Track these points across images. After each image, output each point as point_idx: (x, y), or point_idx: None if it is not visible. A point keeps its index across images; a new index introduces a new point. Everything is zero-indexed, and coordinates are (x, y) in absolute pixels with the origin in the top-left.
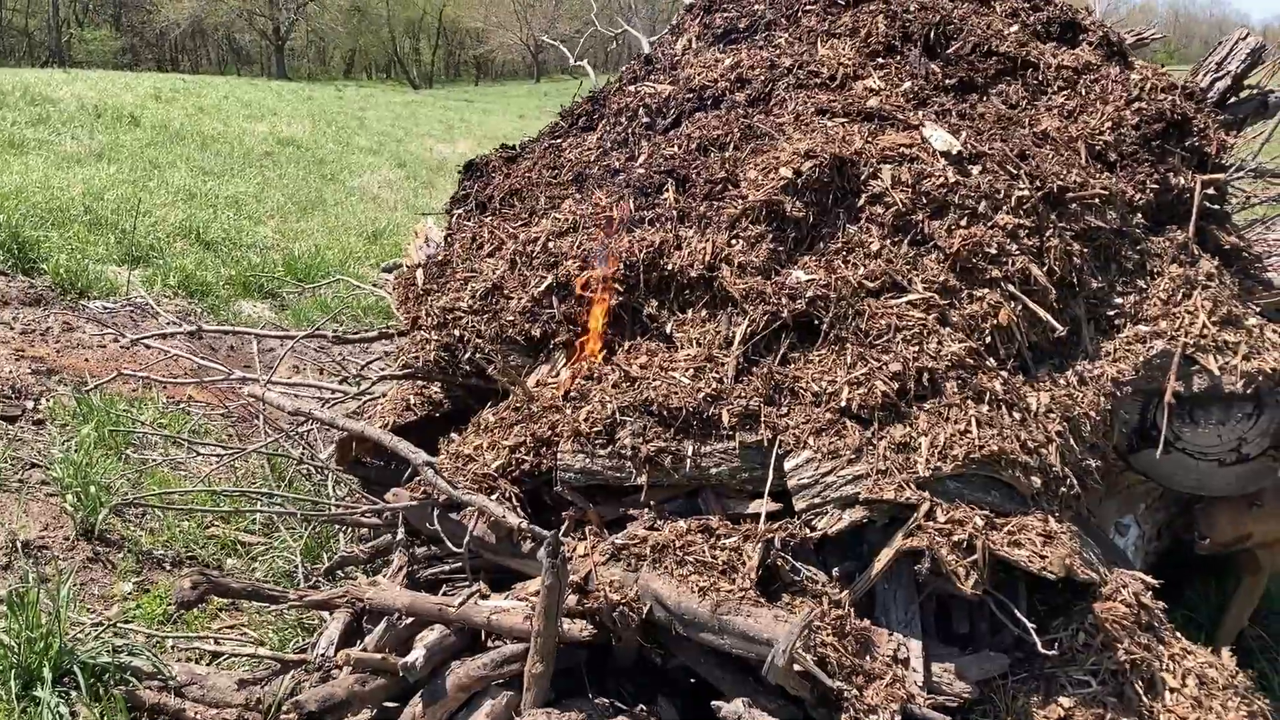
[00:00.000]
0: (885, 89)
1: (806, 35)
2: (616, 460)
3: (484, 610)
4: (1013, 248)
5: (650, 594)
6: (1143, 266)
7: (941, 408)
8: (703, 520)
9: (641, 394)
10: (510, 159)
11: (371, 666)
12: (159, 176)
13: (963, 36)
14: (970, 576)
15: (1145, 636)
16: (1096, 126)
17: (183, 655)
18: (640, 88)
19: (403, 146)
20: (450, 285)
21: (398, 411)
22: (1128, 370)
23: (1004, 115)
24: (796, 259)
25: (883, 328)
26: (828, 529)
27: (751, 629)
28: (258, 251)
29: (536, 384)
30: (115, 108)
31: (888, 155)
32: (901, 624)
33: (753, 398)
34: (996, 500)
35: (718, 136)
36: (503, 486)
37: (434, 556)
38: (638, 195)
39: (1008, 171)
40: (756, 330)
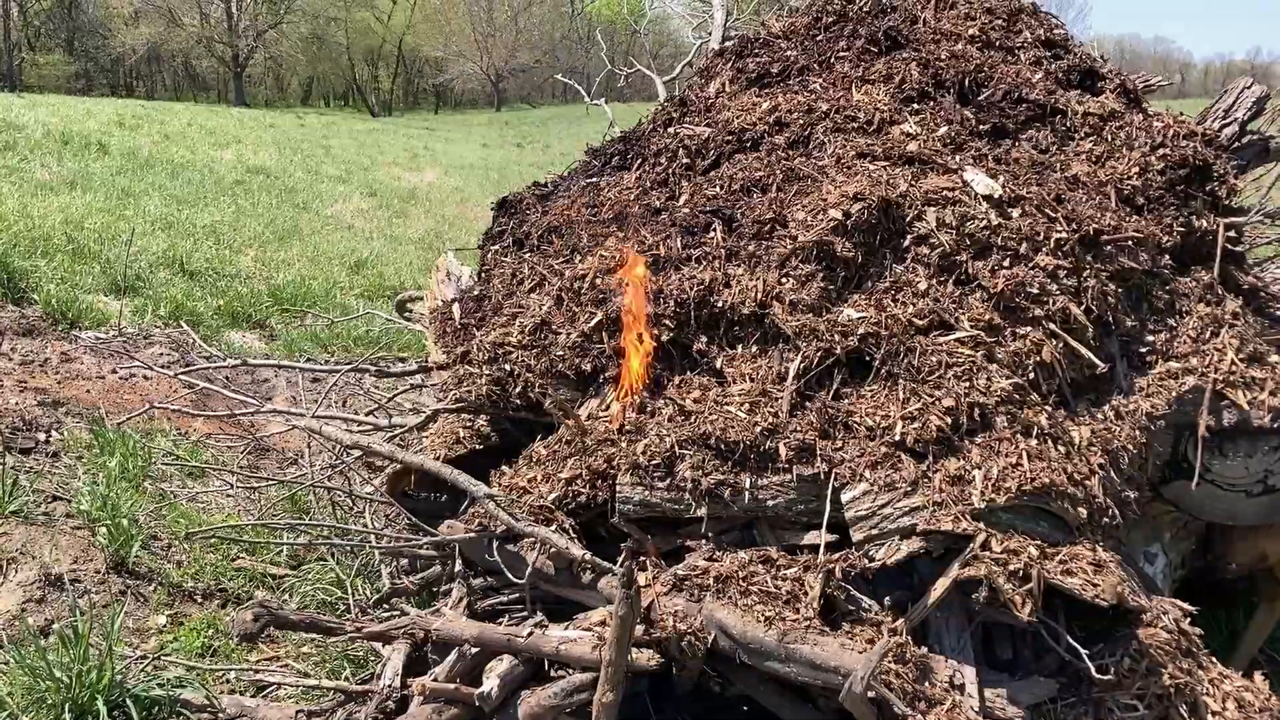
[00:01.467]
0: (922, 134)
1: (841, 80)
2: (675, 492)
3: (552, 640)
4: (1053, 287)
5: (715, 623)
6: (1172, 306)
7: (993, 441)
8: (762, 551)
9: (699, 428)
10: (544, 196)
11: (446, 697)
12: (134, 205)
13: (993, 84)
14: (1026, 605)
15: (1187, 662)
16: (1124, 171)
17: (231, 688)
18: (678, 129)
19: (370, 175)
20: (496, 320)
21: (448, 445)
22: (1161, 405)
23: (1037, 160)
24: (846, 297)
25: (934, 364)
26: (886, 559)
27: (818, 657)
28: (240, 281)
29: (587, 417)
30: (81, 134)
31: (931, 198)
32: (954, 651)
33: (808, 431)
34: (1045, 530)
35: (760, 178)
36: (559, 518)
37: (490, 587)
38: (684, 234)
39: (1045, 214)
40: (810, 366)
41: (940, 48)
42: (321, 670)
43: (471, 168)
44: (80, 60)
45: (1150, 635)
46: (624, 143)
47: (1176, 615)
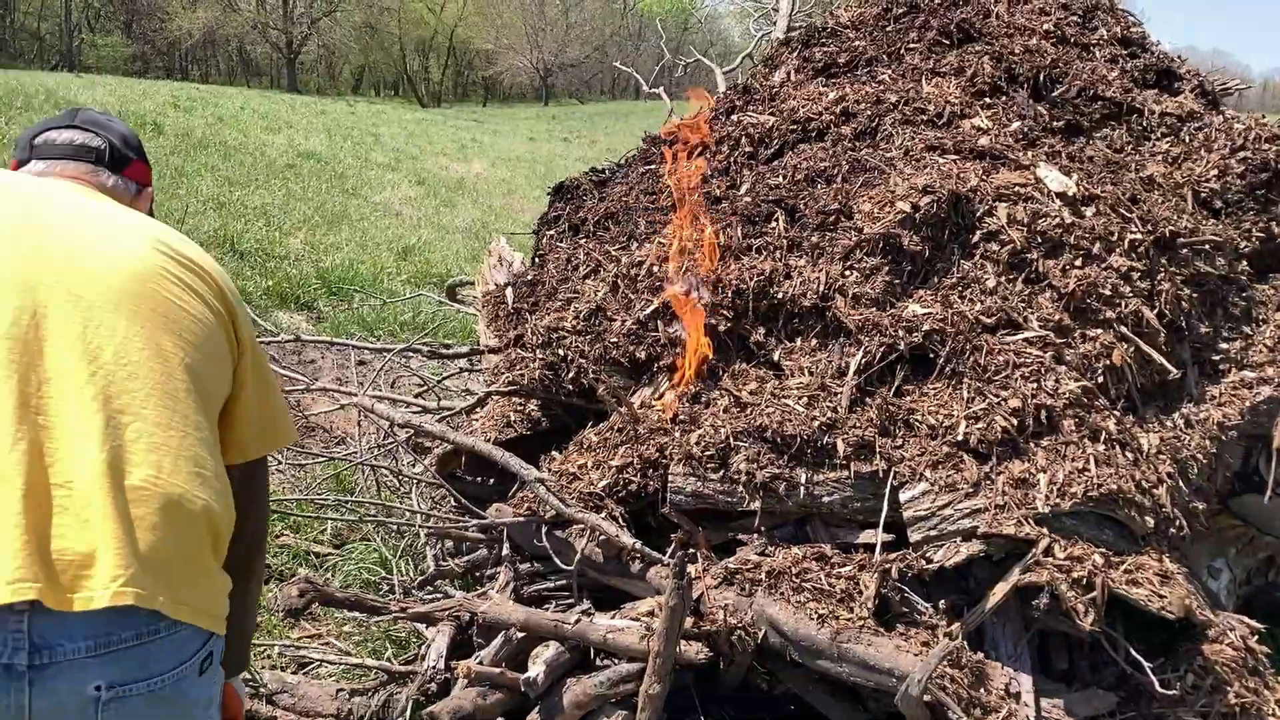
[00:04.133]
0: (994, 128)
1: (910, 72)
2: (729, 485)
3: (599, 629)
4: (1126, 290)
5: (766, 619)
6: (1248, 313)
7: (1059, 445)
8: (816, 548)
9: (755, 420)
10: (601, 182)
11: (491, 680)
12: (187, 184)
13: (1068, 80)
14: (1089, 614)
15: (1253, 680)
16: (1202, 173)
17: (272, 664)
18: (741, 117)
19: (419, 164)
20: (550, 305)
21: (498, 428)
22: (1233, 415)
23: (1111, 159)
24: (911, 292)
25: (1000, 364)
26: (945, 561)
27: (872, 658)
28: (290, 262)
29: (640, 405)
30: (138, 114)
31: (1003, 194)
32: (1010, 659)
33: (867, 428)
34: (1110, 539)
35: (825, 168)
36: (609, 506)
37: (537, 573)
38: (745, 223)
39: (1120, 214)
40: (871, 361)
41: (1014, 42)
42: (363, 650)
43: (518, 160)
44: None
45: (1216, 651)
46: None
47: (1243, 632)
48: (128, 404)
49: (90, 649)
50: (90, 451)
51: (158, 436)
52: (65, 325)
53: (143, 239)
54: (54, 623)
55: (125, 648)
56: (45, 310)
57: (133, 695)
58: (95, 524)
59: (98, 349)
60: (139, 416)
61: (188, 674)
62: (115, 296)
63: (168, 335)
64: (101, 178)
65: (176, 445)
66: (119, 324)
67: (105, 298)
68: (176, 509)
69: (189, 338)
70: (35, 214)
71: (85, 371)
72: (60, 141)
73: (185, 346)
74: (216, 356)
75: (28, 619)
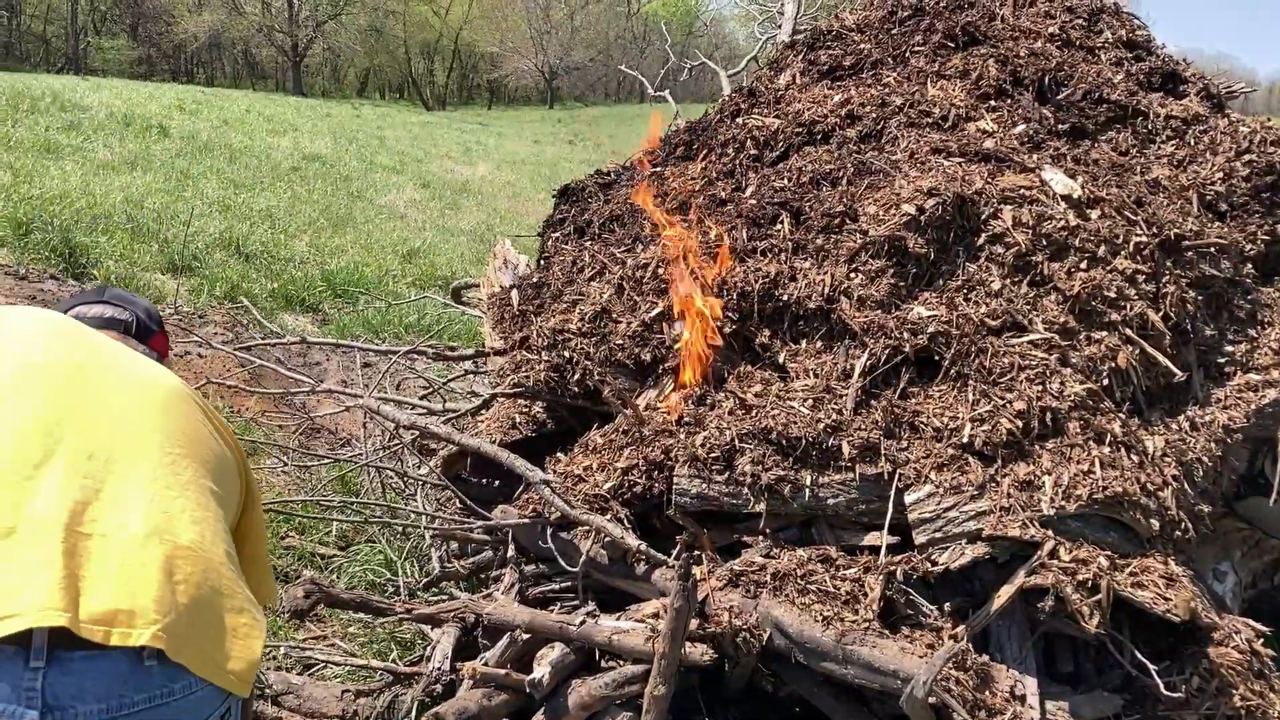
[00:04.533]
0: (999, 131)
1: (916, 75)
2: (734, 487)
3: (604, 630)
4: (1131, 292)
5: (771, 621)
6: (1254, 316)
7: (1064, 447)
8: (822, 550)
9: (760, 422)
10: (606, 185)
11: (496, 682)
12: (193, 186)
13: (1073, 83)
14: (1094, 616)
15: (1259, 684)
16: (1207, 176)
17: (278, 665)
18: (746, 120)
19: (424, 167)
20: (555, 307)
21: (503, 430)
22: (1239, 417)
23: (1116, 162)
24: (917, 294)
25: (1006, 366)
26: (950, 563)
27: (877, 660)
28: (295, 265)
29: (646, 407)
30: (143, 117)
31: (1008, 196)
32: (1016, 661)
33: (872, 430)
34: (1116, 541)
35: (830, 171)
36: (614, 508)
37: (542, 575)
38: (750, 226)
39: (1125, 217)
40: (877, 363)
41: (1019, 45)
42: (368, 651)
43: (523, 163)
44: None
45: (1221, 654)
46: (690, 133)
47: (1249, 635)
48: (172, 482)
49: (103, 711)
50: (138, 510)
51: (198, 514)
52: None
53: (172, 378)
54: (69, 682)
55: (138, 711)
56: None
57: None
58: (136, 571)
59: (144, 437)
60: (183, 495)
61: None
62: (161, 400)
63: (197, 449)
64: (130, 344)
65: (213, 526)
66: (161, 422)
67: (149, 399)
68: (216, 574)
69: (211, 460)
70: (84, 336)
71: (135, 452)
72: (92, 315)
73: (207, 467)
74: (230, 488)
75: (42, 676)
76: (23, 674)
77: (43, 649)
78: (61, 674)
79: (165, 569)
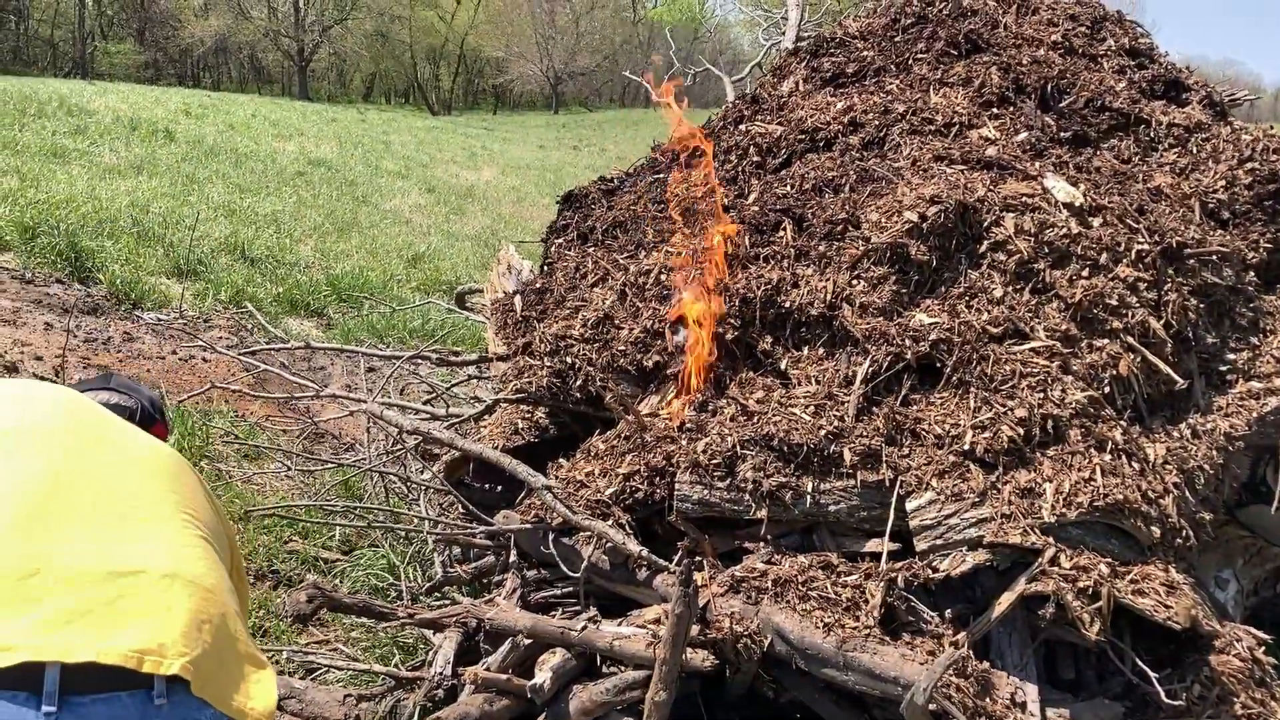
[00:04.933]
0: (1001, 139)
1: (918, 82)
2: (735, 493)
3: (606, 636)
4: (1132, 300)
5: (772, 627)
6: (1256, 324)
7: (1065, 455)
8: (823, 556)
9: (761, 428)
10: (609, 191)
11: (497, 687)
12: (198, 191)
13: (1076, 91)
14: (1095, 624)
15: (1260, 692)
16: (1210, 184)
17: (280, 669)
18: (749, 127)
19: (429, 171)
20: (559, 313)
21: (506, 435)
22: (1240, 425)
23: (1119, 170)
24: (919, 302)
25: (1007, 373)
26: (951, 570)
27: (878, 666)
28: (300, 269)
29: (648, 413)
30: (149, 121)
31: (1010, 204)
32: (1016, 668)
33: (874, 437)
34: (1116, 549)
35: (832, 178)
36: (616, 514)
37: (544, 580)
38: (753, 232)
39: (1127, 225)
40: (879, 370)
41: (1021, 53)
42: (371, 656)
43: (528, 168)
44: (150, 50)
45: (1223, 662)
46: None
47: (1250, 643)
48: (189, 539)
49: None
50: (163, 554)
51: (213, 565)
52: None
53: (175, 454)
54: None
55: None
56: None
57: None
58: (164, 607)
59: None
60: (198, 547)
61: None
62: (172, 468)
63: (202, 515)
64: None
65: (225, 579)
66: (174, 485)
67: (162, 466)
68: (234, 620)
69: (212, 526)
70: (99, 410)
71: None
72: (99, 402)
73: (210, 531)
74: (224, 556)
75: None
76: (35, 717)
77: (54, 693)
78: (73, 717)
79: (191, 608)
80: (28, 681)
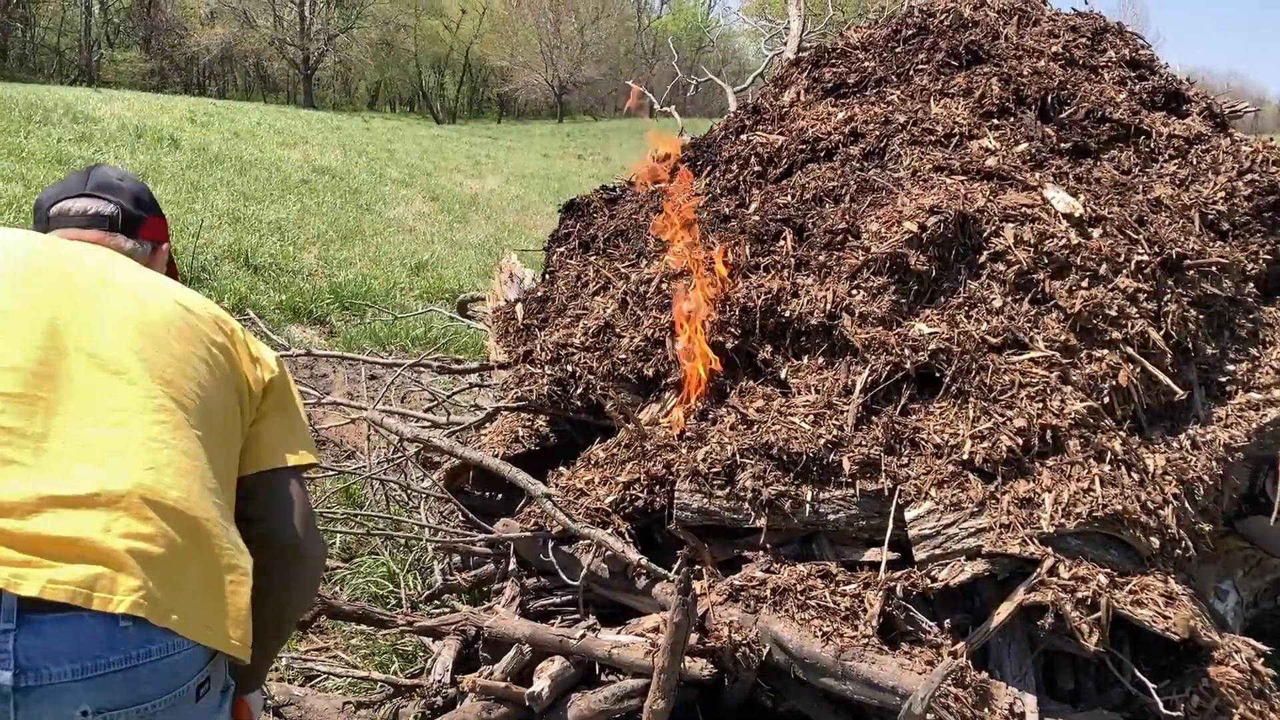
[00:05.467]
0: (1001, 149)
1: (919, 93)
2: (735, 502)
3: (605, 644)
4: (1132, 311)
5: (770, 636)
6: (1255, 335)
7: (1064, 465)
8: (822, 565)
9: (761, 437)
10: (611, 200)
11: (496, 694)
12: (203, 198)
13: (1076, 102)
14: (1093, 634)
15: (1259, 703)
16: (1209, 196)
17: (279, 676)
18: (751, 137)
19: (433, 180)
20: (560, 321)
21: (506, 443)
22: (1240, 436)
23: (1119, 181)
24: (918, 311)
25: (1006, 383)
26: (950, 580)
27: (876, 676)
28: (303, 277)
29: (648, 422)
30: (154, 129)
31: (1010, 214)
32: (1015, 678)
33: (873, 446)
34: (1115, 559)
35: (833, 188)
36: (616, 522)
37: (543, 588)
38: (753, 242)
39: (1127, 236)
40: (878, 380)
41: (1022, 64)
42: (370, 663)
43: (532, 177)
44: (156, 58)
45: (1222, 673)
46: (694, 149)
47: (1249, 654)
48: (159, 434)
49: (76, 673)
50: (126, 469)
51: (185, 464)
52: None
53: (164, 294)
54: (40, 645)
55: (113, 672)
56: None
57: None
58: (120, 533)
59: (130, 381)
60: (169, 445)
61: (182, 699)
62: (143, 320)
63: (187, 379)
64: (118, 241)
65: (201, 475)
66: (151, 359)
67: (129, 322)
68: (201, 531)
69: (202, 396)
70: (63, 261)
71: (121, 401)
72: (75, 212)
73: (196, 406)
74: (226, 406)
75: (13, 639)
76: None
77: (12, 610)
78: (32, 635)
79: (148, 533)
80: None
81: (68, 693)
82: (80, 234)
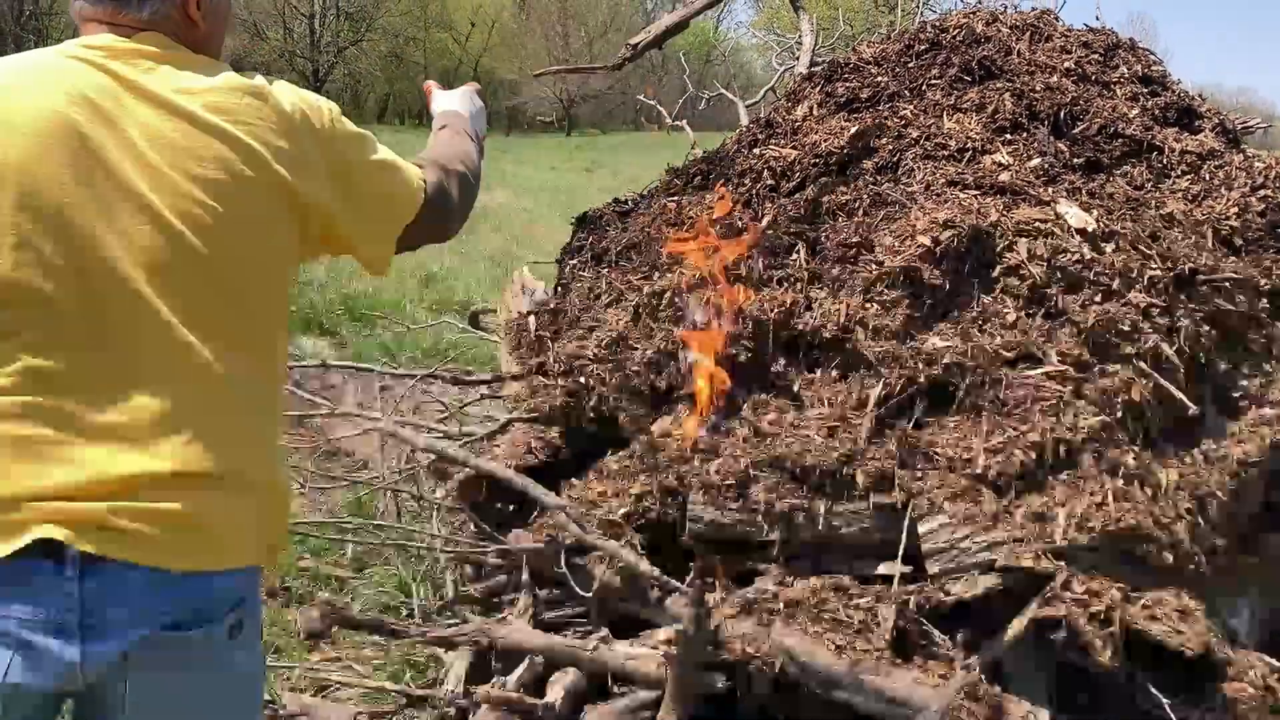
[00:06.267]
0: (1015, 164)
1: (932, 108)
2: (748, 514)
3: (618, 655)
4: (1145, 326)
5: (784, 649)
6: (1269, 350)
7: (1077, 479)
8: (835, 579)
9: (774, 450)
10: (624, 213)
11: (509, 705)
12: None
13: (1089, 117)
14: (1107, 649)
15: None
16: (1223, 211)
17: (291, 685)
18: (764, 151)
19: None
20: (572, 333)
21: (518, 455)
22: (1254, 452)
23: (1131, 196)
24: (932, 325)
25: (1020, 397)
26: (963, 594)
27: (890, 689)
28: (313, 288)
29: (660, 434)
30: None
31: (1023, 229)
32: (1029, 693)
33: (886, 460)
34: (1129, 574)
35: (846, 202)
36: (628, 534)
37: (555, 599)
38: (766, 255)
39: (1140, 251)
40: (891, 393)
41: (1035, 79)
42: (381, 674)
43: (541, 189)
44: None
45: (1236, 689)
46: (707, 163)
47: (1264, 670)
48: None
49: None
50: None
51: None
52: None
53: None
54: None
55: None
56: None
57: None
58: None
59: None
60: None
61: (217, 639)
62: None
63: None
64: (129, 16)
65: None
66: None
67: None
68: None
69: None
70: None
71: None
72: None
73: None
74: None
75: (79, 584)
76: (61, 582)
77: (77, 558)
78: (95, 582)
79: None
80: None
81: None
82: (96, 12)
